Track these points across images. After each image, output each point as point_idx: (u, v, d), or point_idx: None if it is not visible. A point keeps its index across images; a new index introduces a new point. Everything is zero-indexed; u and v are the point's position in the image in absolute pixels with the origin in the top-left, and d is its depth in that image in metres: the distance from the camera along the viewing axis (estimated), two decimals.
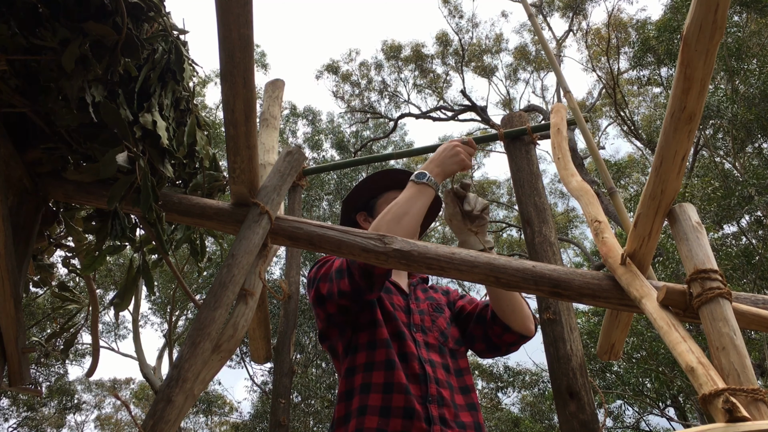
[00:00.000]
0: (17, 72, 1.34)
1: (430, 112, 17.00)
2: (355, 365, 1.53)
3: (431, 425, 1.40)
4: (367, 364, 1.51)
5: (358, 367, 1.52)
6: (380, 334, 1.54)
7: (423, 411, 1.42)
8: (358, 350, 1.55)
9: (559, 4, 15.92)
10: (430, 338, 1.60)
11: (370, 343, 1.54)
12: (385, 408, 1.42)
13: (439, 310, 1.71)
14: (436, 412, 1.43)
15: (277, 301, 10.20)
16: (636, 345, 9.30)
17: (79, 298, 1.82)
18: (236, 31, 1.22)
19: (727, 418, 0.80)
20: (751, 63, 10.03)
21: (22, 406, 15.23)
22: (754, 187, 8.30)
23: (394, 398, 1.43)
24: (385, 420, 1.41)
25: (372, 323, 1.56)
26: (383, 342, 1.53)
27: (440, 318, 1.68)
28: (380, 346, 1.52)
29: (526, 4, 2.40)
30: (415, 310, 1.66)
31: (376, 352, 1.52)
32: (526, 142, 1.75)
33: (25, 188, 1.48)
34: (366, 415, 1.42)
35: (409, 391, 1.44)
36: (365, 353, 1.53)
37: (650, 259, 1.26)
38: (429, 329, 1.62)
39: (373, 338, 1.54)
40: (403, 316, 1.62)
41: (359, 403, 1.45)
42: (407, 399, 1.42)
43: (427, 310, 1.68)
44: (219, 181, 1.76)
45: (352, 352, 1.56)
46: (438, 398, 1.46)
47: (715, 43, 0.91)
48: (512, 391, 14.03)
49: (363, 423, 1.41)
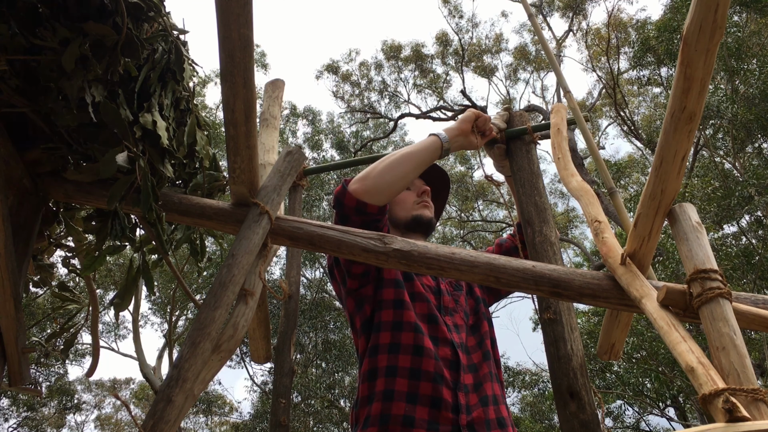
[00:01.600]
0: (17, 72, 1.34)
1: (430, 112, 17.00)
2: (378, 344, 1.51)
3: (459, 414, 1.39)
4: (392, 345, 1.49)
5: (381, 347, 1.50)
6: (407, 316, 1.52)
7: (452, 399, 1.41)
8: (381, 329, 1.53)
9: (559, 4, 15.92)
10: (457, 319, 1.59)
11: (396, 324, 1.52)
12: (412, 395, 1.41)
13: (458, 287, 1.70)
14: (464, 400, 1.42)
15: (277, 301, 10.19)
16: (636, 345, 9.30)
17: (79, 298, 1.82)
18: (236, 31, 1.22)
19: (727, 418, 0.80)
20: (751, 63, 10.02)
21: (22, 406, 15.22)
22: (754, 187, 8.30)
23: (422, 386, 1.42)
24: (411, 406, 1.39)
25: (398, 304, 1.55)
26: (410, 325, 1.50)
27: (461, 296, 1.67)
28: (407, 329, 1.50)
29: (526, 4, 2.40)
30: (445, 291, 1.64)
31: (402, 334, 1.50)
32: (526, 141, 1.75)
33: (25, 188, 1.48)
34: (393, 401, 1.41)
35: (437, 379, 1.42)
36: (390, 333, 1.51)
37: (650, 259, 1.26)
38: (455, 310, 1.62)
39: (399, 319, 1.52)
40: (434, 298, 1.60)
41: (384, 386, 1.44)
42: (435, 388, 1.41)
43: (449, 290, 1.67)
44: (219, 181, 1.76)
45: (375, 329, 1.54)
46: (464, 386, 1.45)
47: (715, 43, 0.91)
48: (512, 391, 14.02)
49: (390, 409, 1.40)
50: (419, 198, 1.77)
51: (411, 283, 1.60)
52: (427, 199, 1.79)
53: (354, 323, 1.62)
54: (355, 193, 1.53)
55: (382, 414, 1.40)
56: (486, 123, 1.72)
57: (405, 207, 1.74)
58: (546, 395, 12.96)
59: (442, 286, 1.65)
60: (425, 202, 1.77)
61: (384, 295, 1.57)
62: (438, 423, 1.38)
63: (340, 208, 1.56)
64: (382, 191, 1.54)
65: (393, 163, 1.57)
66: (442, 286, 1.65)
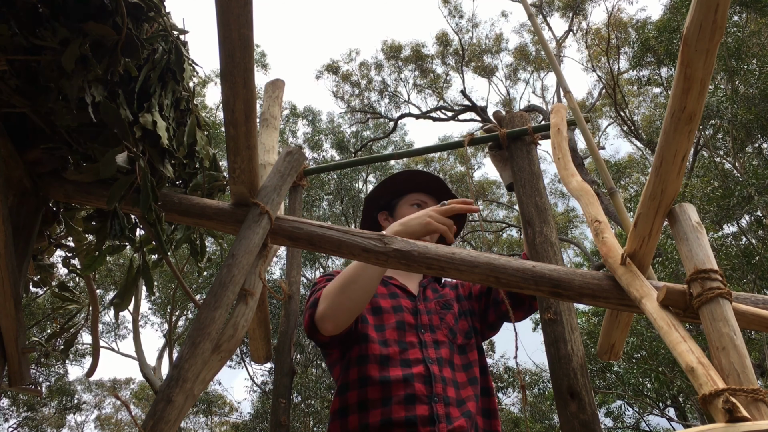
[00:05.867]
0: (17, 72, 1.34)
1: (430, 112, 17.00)
2: (348, 381, 1.54)
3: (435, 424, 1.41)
4: (361, 379, 1.51)
5: (351, 383, 1.53)
6: (371, 349, 1.54)
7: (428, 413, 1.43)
8: (350, 365, 1.56)
9: (559, 4, 15.92)
10: (439, 335, 1.61)
11: (360, 358, 1.54)
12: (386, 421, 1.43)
13: (447, 306, 1.72)
14: (442, 410, 1.44)
15: (277, 301, 10.19)
16: (636, 345, 9.30)
17: (79, 298, 1.82)
18: (236, 31, 1.22)
19: (727, 418, 0.80)
20: (751, 63, 10.02)
21: (22, 406, 15.22)
22: (754, 187, 8.29)
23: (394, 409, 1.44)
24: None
25: (363, 338, 1.57)
26: (375, 357, 1.53)
27: (448, 315, 1.69)
28: (372, 361, 1.52)
29: (526, 4, 2.40)
30: (423, 310, 1.67)
31: (369, 366, 1.52)
32: (527, 142, 1.75)
33: (25, 188, 1.48)
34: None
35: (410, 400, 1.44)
36: (357, 369, 1.54)
37: (650, 259, 1.25)
38: (437, 327, 1.63)
39: (365, 352, 1.54)
40: (411, 318, 1.63)
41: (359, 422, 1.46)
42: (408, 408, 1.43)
43: (435, 309, 1.69)
44: (219, 181, 1.76)
45: (344, 368, 1.57)
46: (444, 397, 1.47)
47: (715, 43, 0.91)
48: (512, 391, 14.03)
49: None
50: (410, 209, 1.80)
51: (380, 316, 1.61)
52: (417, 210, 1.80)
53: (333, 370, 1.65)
54: (326, 332, 1.50)
55: None
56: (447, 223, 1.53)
57: None
58: (546, 395, 12.96)
59: (420, 306, 1.67)
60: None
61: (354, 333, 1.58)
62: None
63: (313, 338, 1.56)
64: (347, 323, 1.49)
65: (354, 295, 1.47)
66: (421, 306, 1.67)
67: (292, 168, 1.63)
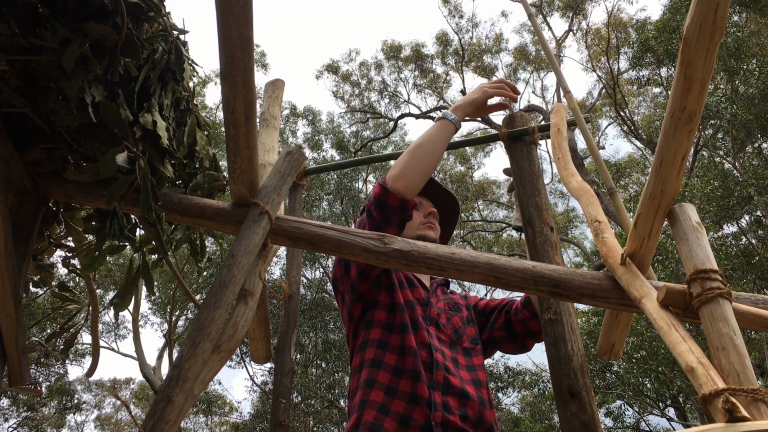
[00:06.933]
0: (17, 72, 1.34)
1: (430, 112, 16.99)
2: (369, 339, 1.58)
3: (432, 410, 1.43)
4: (381, 342, 1.56)
5: (371, 342, 1.57)
6: (399, 318, 1.58)
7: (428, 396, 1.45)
8: (373, 326, 1.60)
9: (559, 4, 15.92)
10: (443, 335, 1.64)
11: (387, 325, 1.58)
12: (392, 389, 1.47)
13: (456, 309, 1.75)
14: (440, 399, 1.46)
15: (277, 301, 10.19)
16: (636, 345, 9.30)
17: (79, 298, 1.82)
18: (236, 31, 1.22)
19: (727, 418, 0.80)
20: (750, 63, 10.02)
21: (22, 406, 15.22)
22: (754, 187, 8.29)
23: (402, 383, 1.48)
24: (389, 399, 1.46)
25: (392, 307, 1.61)
26: (399, 327, 1.57)
27: (456, 317, 1.71)
28: (396, 331, 1.57)
29: (526, 4, 2.40)
30: (434, 304, 1.70)
31: (392, 335, 1.56)
32: (527, 142, 1.75)
33: (25, 188, 1.48)
34: (373, 388, 1.48)
35: (417, 376, 1.48)
36: (381, 331, 1.58)
37: (650, 259, 1.26)
38: (444, 326, 1.66)
39: (391, 321, 1.59)
40: (420, 309, 1.66)
41: (367, 376, 1.51)
42: (414, 385, 1.47)
43: (444, 308, 1.72)
44: (219, 181, 1.76)
45: (366, 326, 1.61)
46: (443, 386, 1.49)
47: (715, 43, 0.91)
48: (512, 391, 14.02)
49: (369, 395, 1.47)
50: (425, 219, 1.81)
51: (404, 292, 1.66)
52: (432, 220, 1.82)
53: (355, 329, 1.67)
54: (398, 192, 1.54)
55: (362, 400, 1.47)
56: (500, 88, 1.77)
57: (411, 226, 1.75)
58: (546, 395, 12.96)
59: (432, 299, 1.71)
60: (431, 223, 1.80)
61: (381, 296, 1.63)
62: (412, 417, 1.43)
63: (382, 210, 1.55)
64: (420, 183, 1.59)
65: (422, 156, 1.61)
66: (433, 300, 1.71)
67: (292, 168, 1.63)
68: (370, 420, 1.42)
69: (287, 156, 1.64)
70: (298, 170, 1.67)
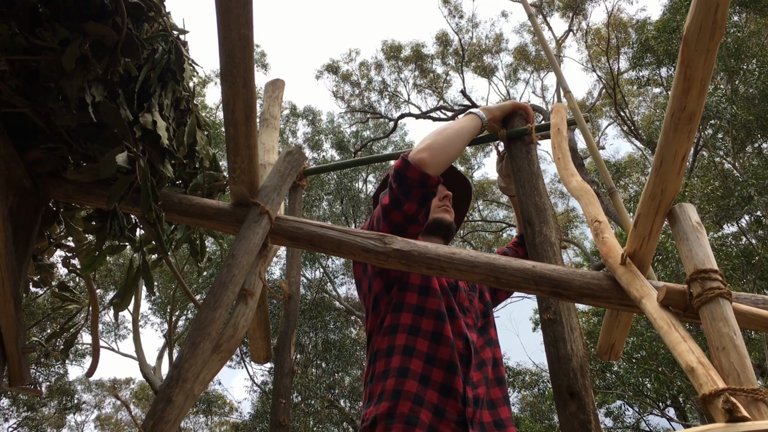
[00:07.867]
0: (17, 72, 1.34)
1: (430, 112, 16.99)
2: (399, 323, 1.53)
3: (466, 406, 1.42)
4: (413, 327, 1.51)
5: (402, 326, 1.52)
6: (432, 303, 1.54)
7: (462, 391, 1.44)
8: (403, 309, 1.54)
9: (559, 4, 15.91)
10: (469, 319, 1.62)
11: (419, 308, 1.54)
12: (425, 377, 1.44)
13: (474, 288, 1.72)
14: (471, 394, 1.45)
15: (277, 301, 10.19)
16: (636, 345, 9.30)
17: (79, 298, 1.82)
18: (236, 31, 1.22)
19: (727, 418, 0.80)
20: (750, 63, 10.02)
21: (22, 406, 15.22)
22: (754, 187, 8.29)
23: (435, 372, 1.45)
24: (423, 388, 1.42)
25: (424, 290, 1.56)
26: (433, 312, 1.53)
27: (475, 298, 1.70)
28: (429, 316, 1.52)
29: (526, 4, 2.40)
30: (462, 288, 1.67)
31: (424, 319, 1.52)
32: (526, 142, 1.75)
33: (25, 188, 1.48)
34: (407, 378, 1.43)
35: (452, 368, 1.45)
36: (411, 315, 1.53)
37: (650, 259, 1.25)
38: (468, 309, 1.64)
39: (423, 304, 1.54)
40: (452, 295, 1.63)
41: (400, 363, 1.46)
42: (447, 376, 1.44)
43: (465, 289, 1.69)
44: (219, 181, 1.76)
45: (395, 309, 1.55)
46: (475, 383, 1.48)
47: (715, 43, 0.91)
48: (512, 391, 14.02)
49: (403, 384, 1.42)
50: (441, 202, 1.79)
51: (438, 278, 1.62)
52: (448, 203, 1.81)
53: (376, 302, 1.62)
54: (419, 164, 1.52)
55: (395, 389, 1.42)
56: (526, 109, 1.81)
57: None
58: (546, 395, 12.95)
59: (460, 283, 1.68)
60: (446, 206, 1.79)
61: (411, 278, 1.58)
62: (446, 410, 1.40)
63: (402, 183, 1.53)
64: (442, 163, 1.58)
65: (449, 137, 1.62)
66: (461, 283, 1.67)
67: (292, 168, 1.63)
68: (406, 411, 1.38)
69: (287, 156, 1.64)
70: (298, 170, 1.67)
